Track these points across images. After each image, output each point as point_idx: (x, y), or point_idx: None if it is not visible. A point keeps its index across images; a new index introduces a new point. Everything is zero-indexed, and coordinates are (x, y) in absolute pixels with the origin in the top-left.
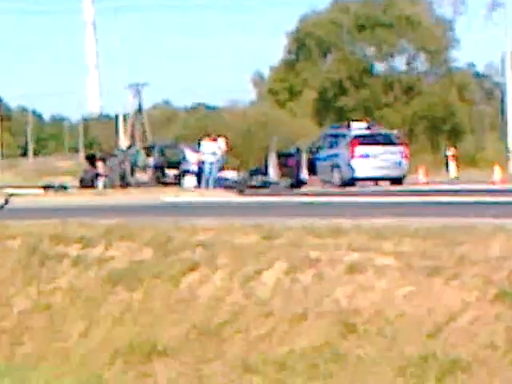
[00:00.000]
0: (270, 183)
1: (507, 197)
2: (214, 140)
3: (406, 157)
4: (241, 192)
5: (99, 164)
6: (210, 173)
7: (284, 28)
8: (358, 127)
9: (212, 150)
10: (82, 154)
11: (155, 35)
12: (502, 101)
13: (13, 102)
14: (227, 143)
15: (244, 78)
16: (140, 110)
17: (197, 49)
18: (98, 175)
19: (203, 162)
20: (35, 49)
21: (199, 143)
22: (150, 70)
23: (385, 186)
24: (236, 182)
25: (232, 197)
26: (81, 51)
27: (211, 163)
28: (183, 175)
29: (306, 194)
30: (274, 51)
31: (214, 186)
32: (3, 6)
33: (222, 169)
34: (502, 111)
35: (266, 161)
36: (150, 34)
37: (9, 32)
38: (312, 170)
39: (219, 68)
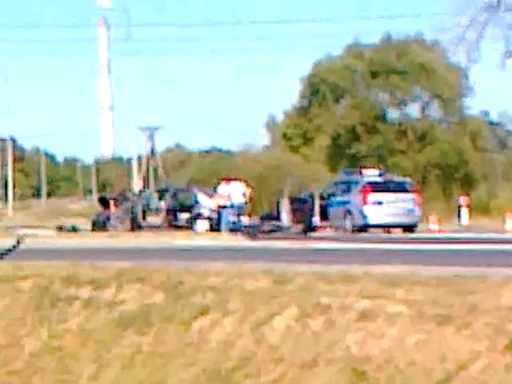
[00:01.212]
0: (282, 228)
1: None
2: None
3: (418, 204)
4: (253, 236)
5: (112, 203)
6: (226, 217)
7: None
8: (370, 174)
9: (228, 194)
10: (94, 196)
11: (170, 78)
12: None
13: (26, 143)
14: (250, 188)
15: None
16: (153, 152)
17: (211, 92)
18: (109, 218)
19: (222, 206)
20: (50, 90)
21: (215, 187)
22: (163, 113)
23: (397, 233)
24: (248, 226)
25: (244, 241)
26: (95, 93)
27: (226, 207)
28: (195, 219)
29: (318, 240)
30: (287, 95)
31: (231, 230)
32: (18, 47)
33: (244, 214)
34: None
35: (279, 205)
36: (165, 77)
37: (23, 73)
38: (324, 215)
39: (233, 111)
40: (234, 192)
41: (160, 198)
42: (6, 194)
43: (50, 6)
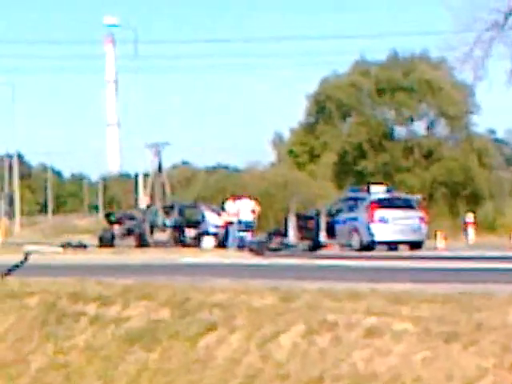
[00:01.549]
0: (289, 245)
1: None
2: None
3: (425, 221)
4: (259, 254)
5: (116, 227)
6: (233, 234)
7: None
8: (377, 191)
9: (235, 211)
10: (101, 213)
11: (176, 95)
12: None
13: (33, 160)
14: (259, 206)
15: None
16: (160, 169)
17: (217, 109)
18: (113, 236)
19: (229, 223)
20: (56, 106)
21: (223, 204)
22: (170, 130)
23: (404, 250)
24: (255, 243)
25: (250, 258)
26: (102, 110)
27: (233, 224)
28: (202, 236)
29: (325, 258)
30: (294, 112)
31: (239, 247)
32: (25, 63)
33: (251, 231)
34: None
35: (286, 222)
36: (171, 94)
37: (29, 89)
38: (331, 232)
39: (239, 128)
40: (244, 209)
41: (167, 215)
42: (13, 211)
43: (57, 22)
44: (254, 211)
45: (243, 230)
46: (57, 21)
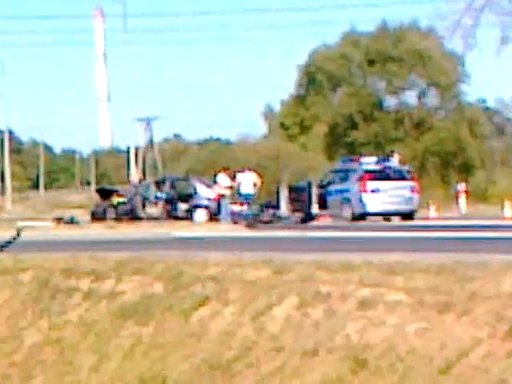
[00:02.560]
0: (281, 217)
1: None
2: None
3: (416, 192)
4: (252, 226)
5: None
6: (226, 207)
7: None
8: (368, 162)
9: (227, 184)
10: (93, 187)
11: (167, 69)
12: None
13: (24, 135)
14: (260, 177)
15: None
16: (151, 143)
17: (208, 82)
18: (106, 209)
19: (222, 196)
20: (47, 82)
21: (215, 177)
22: (161, 104)
23: (396, 221)
24: (247, 216)
25: (243, 231)
26: (92, 84)
27: (226, 197)
28: (194, 209)
29: (317, 229)
30: (284, 84)
31: (234, 220)
32: (14, 39)
33: (250, 203)
34: None
35: (277, 195)
36: (162, 68)
37: (20, 65)
38: (323, 204)
39: (230, 101)
40: (245, 182)
41: (158, 189)
42: (3, 187)
43: None
44: (255, 184)
45: (242, 203)
46: None
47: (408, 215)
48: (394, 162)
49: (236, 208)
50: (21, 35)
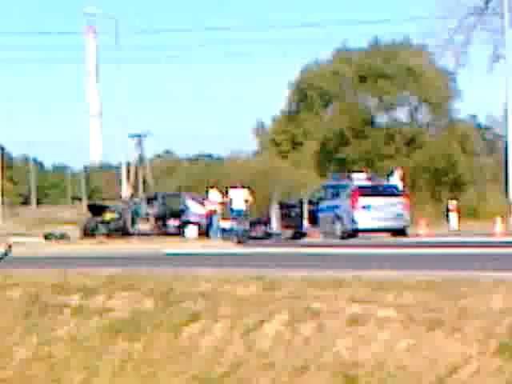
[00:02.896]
0: (272, 234)
1: (508, 249)
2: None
3: (407, 208)
4: (243, 242)
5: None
6: (216, 223)
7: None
8: (359, 178)
9: (218, 200)
10: (84, 203)
11: (158, 85)
12: (506, 153)
13: (15, 151)
14: (252, 194)
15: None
16: (142, 159)
17: (199, 98)
18: (97, 225)
19: (213, 212)
20: (38, 97)
21: (207, 193)
22: (152, 120)
23: (386, 237)
24: (238, 232)
25: (234, 247)
26: (84, 100)
27: (216, 213)
28: (185, 225)
29: (308, 246)
30: (276, 101)
31: (224, 236)
32: (6, 55)
33: (242, 220)
34: (506, 163)
35: (268, 211)
36: (153, 84)
37: (11, 80)
38: (313, 220)
39: (222, 117)
40: (237, 198)
41: (149, 205)
42: None
43: (38, 12)
44: (246, 200)
45: (234, 219)
46: (37, 10)
47: (399, 231)
48: (395, 178)
49: (227, 224)
50: (11, 50)
